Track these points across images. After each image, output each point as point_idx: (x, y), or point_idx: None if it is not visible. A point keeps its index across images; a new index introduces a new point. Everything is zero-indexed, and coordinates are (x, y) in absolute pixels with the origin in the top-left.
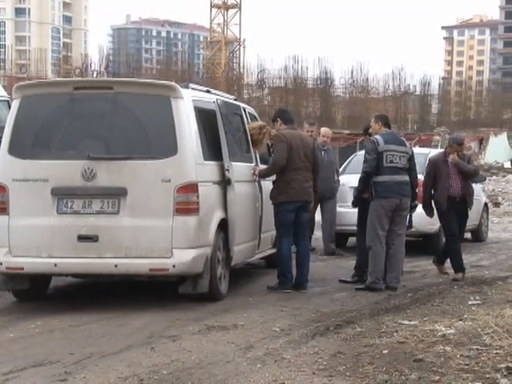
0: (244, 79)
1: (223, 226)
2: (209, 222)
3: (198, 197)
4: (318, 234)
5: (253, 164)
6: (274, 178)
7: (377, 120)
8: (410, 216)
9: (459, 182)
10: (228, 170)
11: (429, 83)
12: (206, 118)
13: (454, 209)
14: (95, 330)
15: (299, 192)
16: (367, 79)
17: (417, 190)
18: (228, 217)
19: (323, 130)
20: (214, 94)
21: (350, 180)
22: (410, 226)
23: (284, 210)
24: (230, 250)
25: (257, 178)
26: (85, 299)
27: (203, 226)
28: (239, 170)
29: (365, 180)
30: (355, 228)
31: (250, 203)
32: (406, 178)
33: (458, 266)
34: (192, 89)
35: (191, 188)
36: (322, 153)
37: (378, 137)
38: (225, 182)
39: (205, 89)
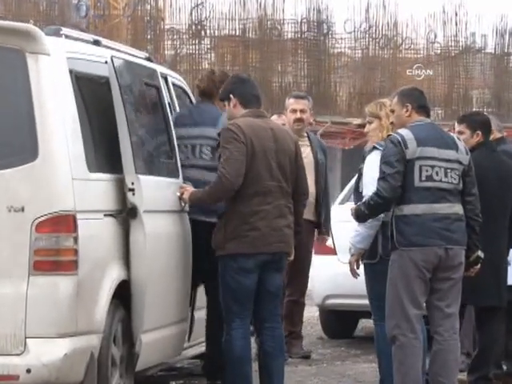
0: (165, 21)
1: (123, 294)
2: (96, 289)
3: (75, 240)
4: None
5: (179, 180)
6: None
7: (402, 99)
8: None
9: None
10: (133, 190)
11: (511, 33)
12: (92, 92)
13: None
14: None
15: (266, 236)
16: (395, 23)
17: (479, 234)
18: (132, 278)
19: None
20: (109, 47)
21: None
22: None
23: (236, 270)
24: (134, 340)
25: (186, 206)
26: None
27: (86, 295)
28: (154, 190)
29: (375, 210)
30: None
31: (172, 252)
32: (458, 208)
33: None
34: (66, 37)
35: (64, 223)
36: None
37: (404, 132)
38: (127, 213)
39: (91, 38)
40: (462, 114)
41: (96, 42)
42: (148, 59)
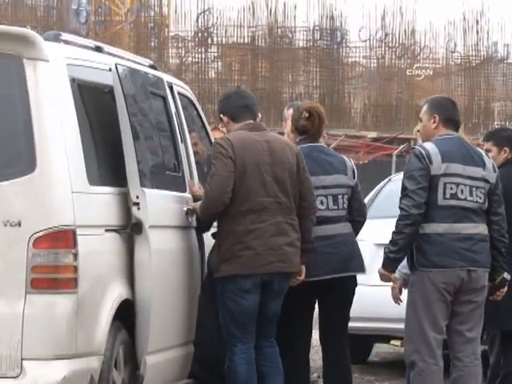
0: (170, 27)
1: (126, 315)
2: (97, 308)
3: (75, 256)
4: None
5: (186, 194)
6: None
7: (431, 109)
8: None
9: None
10: (138, 204)
11: None
12: (93, 101)
13: None
14: None
15: (262, 256)
16: (413, 31)
17: (506, 256)
18: (137, 296)
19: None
20: (111, 54)
21: (374, 230)
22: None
23: (235, 291)
24: (138, 363)
25: (193, 221)
26: None
27: (85, 314)
28: (160, 204)
29: (407, 232)
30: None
31: (179, 269)
32: (483, 228)
33: None
34: (66, 43)
35: (63, 239)
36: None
37: (429, 146)
38: (131, 228)
39: (92, 44)
40: (488, 131)
41: (97, 49)
42: (152, 67)
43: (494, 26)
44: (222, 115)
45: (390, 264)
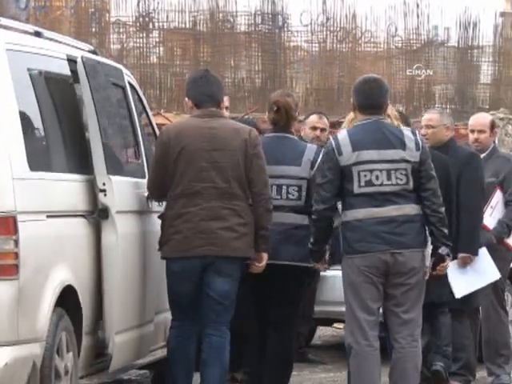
0: (111, 13)
1: (68, 301)
2: (39, 294)
3: (16, 243)
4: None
5: (145, 180)
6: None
7: (353, 97)
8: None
9: None
10: (104, 190)
11: (475, 25)
12: (36, 87)
13: None
14: None
15: (190, 240)
16: (354, 16)
17: (443, 229)
18: (104, 279)
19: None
20: (51, 39)
21: None
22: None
23: (170, 274)
24: (106, 341)
25: (153, 206)
26: None
27: (27, 301)
28: (124, 191)
29: (317, 226)
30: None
31: (143, 253)
32: (410, 209)
33: None
34: (5, 28)
35: (3, 225)
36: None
37: (340, 136)
38: (98, 214)
39: (32, 29)
40: None
41: (37, 34)
42: (93, 52)
43: (435, 10)
44: (186, 99)
45: (312, 255)
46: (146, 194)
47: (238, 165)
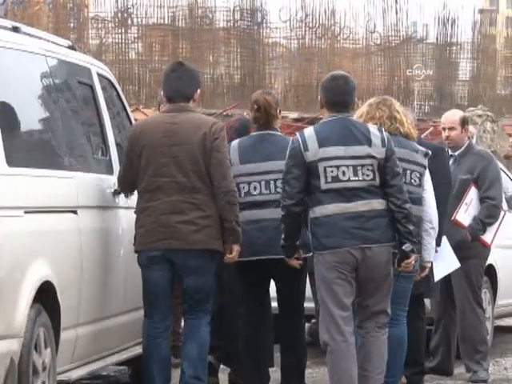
0: (89, 8)
1: (47, 296)
2: (16, 290)
3: None
4: None
5: (113, 176)
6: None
7: (321, 96)
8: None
9: None
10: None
11: (453, 22)
12: (15, 83)
13: None
14: None
15: (151, 233)
16: (333, 12)
17: (408, 226)
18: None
19: None
20: (29, 34)
21: None
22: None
23: (140, 266)
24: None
25: (120, 202)
26: None
27: (4, 297)
28: (91, 186)
29: (285, 222)
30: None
31: (107, 247)
32: (377, 204)
33: None
34: None
35: None
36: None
37: (307, 132)
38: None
39: (9, 24)
40: None
41: (15, 29)
42: (71, 48)
43: (413, 7)
44: (161, 92)
45: (284, 251)
46: (113, 190)
47: (196, 158)
